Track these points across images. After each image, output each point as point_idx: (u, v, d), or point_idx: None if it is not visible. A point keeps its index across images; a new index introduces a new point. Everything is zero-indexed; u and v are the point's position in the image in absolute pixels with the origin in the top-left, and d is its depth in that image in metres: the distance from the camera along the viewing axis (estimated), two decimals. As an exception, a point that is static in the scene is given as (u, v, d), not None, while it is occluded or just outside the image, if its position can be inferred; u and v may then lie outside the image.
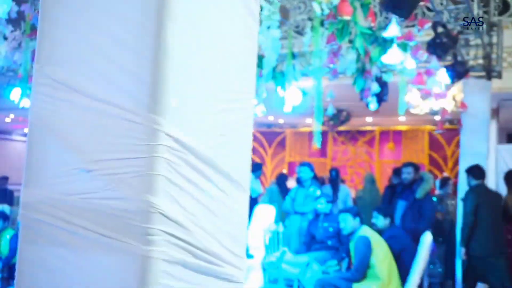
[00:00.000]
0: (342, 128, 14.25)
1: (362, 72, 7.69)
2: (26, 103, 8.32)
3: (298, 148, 16.72)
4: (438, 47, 6.50)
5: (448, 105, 8.44)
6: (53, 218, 1.65)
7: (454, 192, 8.87)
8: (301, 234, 7.78)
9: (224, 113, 1.78)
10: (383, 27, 6.19)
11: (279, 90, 7.54)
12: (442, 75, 7.27)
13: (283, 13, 6.55)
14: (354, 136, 15.99)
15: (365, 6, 5.73)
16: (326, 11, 5.95)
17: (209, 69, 1.72)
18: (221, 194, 1.75)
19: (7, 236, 7.56)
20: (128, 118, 1.56)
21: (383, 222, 6.28)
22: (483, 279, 6.88)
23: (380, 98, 7.82)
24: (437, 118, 10.68)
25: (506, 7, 9.18)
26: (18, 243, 1.74)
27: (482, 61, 8.71)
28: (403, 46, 6.08)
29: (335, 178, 9.94)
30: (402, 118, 13.94)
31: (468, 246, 6.68)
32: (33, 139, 1.76)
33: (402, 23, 6.26)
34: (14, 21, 7.61)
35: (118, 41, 1.61)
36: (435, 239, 6.83)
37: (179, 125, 1.59)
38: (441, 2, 8.25)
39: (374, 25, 5.78)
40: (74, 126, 1.66)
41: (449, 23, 7.26)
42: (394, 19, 5.77)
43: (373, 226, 6.42)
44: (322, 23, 6.49)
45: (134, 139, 1.56)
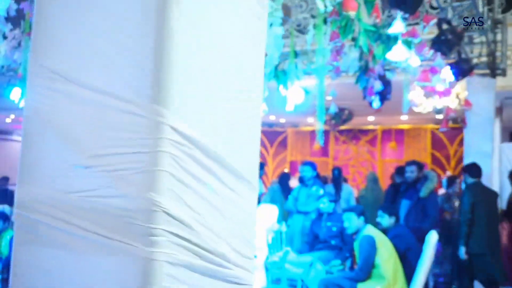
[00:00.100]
0: (344, 127, 14.25)
1: (365, 70, 7.66)
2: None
3: (299, 147, 16.70)
4: (443, 44, 6.43)
5: (452, 103, 8.40)
6: (49, 217, 1.54)
7: (461, 190, 8.81)
8: (303, 233, 7.77)
9: (232, 105, 1.66)
10: (387, 25, 6.15)
11: (281, 89, 7.50)
12: (447, 73, 7.23)
13: (285, 11, 6.48)
14: (356, 135, 15.99)
15: (369, 2, 5.67)
16: (330, 8, 5.89)
17: (216, 58, 1.60)
18: (229, 192, 1.63)
19: (8, 237, 7.50)
20: (129, 110, 1.44)
21: (388, 221, 6.24)
22: (479, 277, 6.89)
23: (383, 96, 7.78)
24: (439, 116, 10.66)
25: (510, 5, 9.12)
26: (12, 244, 1.64)
27: (486, 58, 8.66)
28: (407, 43, 6.04)
29: (338, 177, 9.93)
30: (404, 117, 13.93)
31: (466, 244, 6.67)
32: (28, 134, 1.64)
33: (406, 21, 6.20)
34: (14, 19, 7.53)
35: (118, 28, 1.50)
36: (443, 239, 6.78)
37: (185, 117, 1.47)
38: (445, -1, 8.18)
39: (379, 20, 5.70)
40: (72, 119, 1.54)
41: (453, 20, 7.17)
42: (399, 15, 5.72)
43: (377, 225, 6.37)
44: (325, 21, 6.46)
45: (136, 133, 1.44)
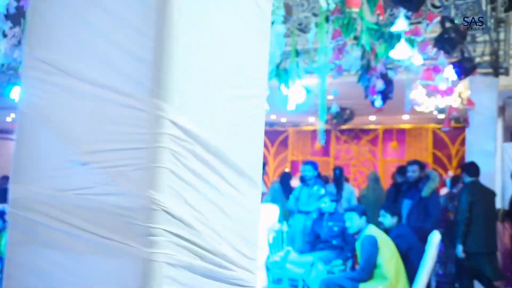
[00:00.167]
0: (345, 126, 14.22)
1: (367, 69, 7.62)
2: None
3: (300, 147, 16.66)
4: (446, 43, 6.37)
5: (454, 102, 8.35)
6: (44, 216, 1.47)
7: (464, 190, 8.75)
8: (305, 233, 7.71)
9: (235, 100, 1.59)
10: (389, 24, 6.10)
11: (283, 88, 7.46)
12: (449, 72, 7.18)
13: (286, 9, 6.44)
14: (357, 134, 15.94)
15: (372, 0, 5.62)
16: (332, 6, 5.85)
17: (219, 51, 1.54)
18: (231, 190, 1.56)
19: (8, 236, 7.44)
20: (128, 104, 1.38)
21: (391, 220, 6.17)
22: (477, 276, 6.85)
23: (385, 95, 7.74)
24: (441, 116, 10.61)
25: (512, 4, 9.06)
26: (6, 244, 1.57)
27: (489, 57, 8.60)
28: (410, 41, 5.99)
29: (339, 177, 9.87)
30: (406, 117, 13.88)
31: (464, 243, 6.63)
32: (23, 130, 1.58)
33: (408, 19, 6.15)
34: (13, 17, 7.47)
35: (116, 18, 1.43)
36: (446, 239, 6.72)
37: (186, 112, 1.41)
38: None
39: (382, 18, 5.64)
40: (68, 114, 1.48)
41: (456, 19, 7.11)
42: (402, 13, 5.66)
43: (379, 225, 6.31)
44: (327, 19, 6.42)
45: (135, 128, 1.38)
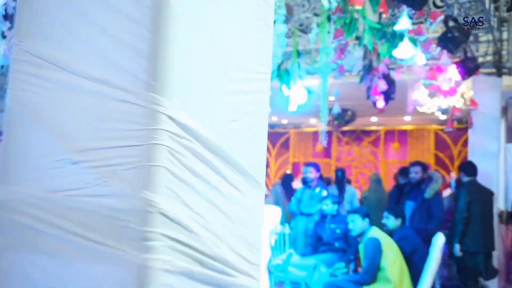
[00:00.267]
0: (346, 128, 14.16)
1: (369, 69, 7.56)
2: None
3: (302, 148, 16.60)
4: (449, 42, 6.30)
5: (457, 103, 8.29)
6: (33, 219, 1.38)
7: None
8: (307, 235, 7.63)
9: (237, 95, 1.50)
10: (391, 24, 6.04)
11: (284, 88, 7.40)
12: (452, 72, 7.11)
13: (287, 10, 6.38)
14: (358, 136, 15.88)
15: (375, -1, 5.57)
16: (334, 4, 5.78)
17: (220, 42, 1.45)
18: (233, 191, 1.47)
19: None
20: (122, 98, 1.29)
21: (394, 222, 6.10)
22: (468, 274, 6.83)
23: (387, 96, 7.69)
24: (443, 117, 10.53)
25: (515, 3, 8.98)
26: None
27: (492, 57, 8.52)
28: (413, 41, 5.93)
29: (341, 179, 9.79)
30: (408, 118, 13.82)
31: (461, 242, 6.62)
32: (11, 127, 1.48)
33: (411, 18, 6.08)
34: (12, 17, 7.40)
35: (109, 7, 1.34)
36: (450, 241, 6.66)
37: (184, 107, 1.32)
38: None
39: (386, 16, 5.57)
40: (58, 109, 1.39)
41: (459, 18, 7.03)
42: (405, 12, 5.60)
43: (382, 227, 6.23)
44: (329, 18, 6.37)
45: (130, 124, 1.29)
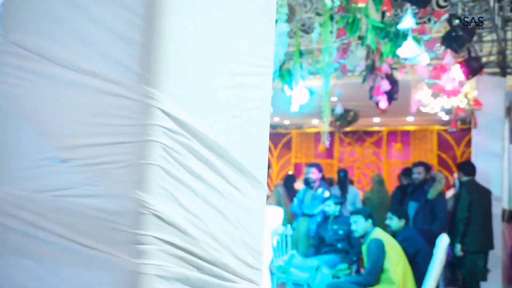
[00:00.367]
0: (348, 128, 14.10)
1: (371, 69, 7.50)
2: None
3: (304, 149, 16.55)
4: (454, 41, 6.22)
5: (461, 103, 8.21)
6: (18, 221, 1.30)
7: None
8: (309, 236, 7.58)
9: (237, 89, 1.41)
10: (394, 24, 5.97)
11: (286, 89, 7.34)
12: (456, 71, 7.04)
13: (290, 10, 6.33)
14: (361, 136, 15.82)
15: (378, -3, 5.51)
16: (337, 3, 5.72)
17: (218, 33, 1.36)
18: (232, 191, 1.38)
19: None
20: (113, 92, 1.20)
21: (398, 223, 6.04)
22: (464, 272, 6.83)
23: (390, 96, 7.62)
24: (446, 118, 10.46)
25: (519, 3, 8.90)
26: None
27: (496, 57, 8.44)
28: (416, 40, 5.86)
29: (344, 179, 9.71)
30: (410, 118, 13.77)
31: (462, 242, 6.59)
32: (-4, 123, 1.41)
33: (415, 16, 6.02)
34: None
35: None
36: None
37: (180, 100, 1.23)
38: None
39: (390, 14, 5.50)
40: (45, 104, 1.31)
41: (464, 16, 6.96)
42: (409, 10, 5.53)
43: (385, 228, 6.17)
44: (332, 18, 6.32)
45: (121, 119, 1.20)
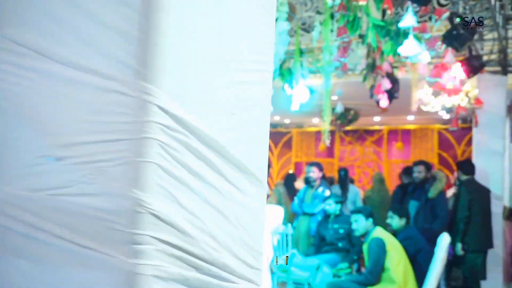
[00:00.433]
0: (349, 127, 14.09)
1: (372, 68, 7.47)
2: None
3: (304, 148, 16.54)
4: (455, 39, 6.19)
5: (461, 101, 8.19)
6: (14, 221, 1.27)
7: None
8: (309, 235, 7.56)
9: (236, 86, 1.38)
10: (395, 22, 5.95)
11: (286, 87, 7.32)
12: (457, 70, 7.01)
13: (290, 8, 6.30)
14: (361, 135, 15.81)
15: (379, -5, 5.48)
16: (338, 1, 5.70)
17: (217, 28, 1.33)
18: (232, 189, 1.36)
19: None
20: (109, 88, 1.18)
21: (399, 222, 6.02)
22: (465, 272, 6.85)
23: (390, 95, 7.59)
24: (447, 116, 10.43)
25: (521, 1, 8.87)
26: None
27: (497, 55, 8.41)
28: (417, 39, 5.83)
29: (344, 178, 9.69)
30: (411, 117, 13.74)
31: (463, 241, 6.62)
32: (-9, 120, 1.38)
33: (416, 14, 5.99)
34: None
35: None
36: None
37: (178, 97, 1.20)
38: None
39: (391, 12, 5.47)
40: (40, 101, 1.28)
41: (465, 15, 6.92)
42: (410, 8, 5.50)
43: (386, 227, 6.15)
44: (332, 16, 6.30)
45: (117, 115, 1.17)
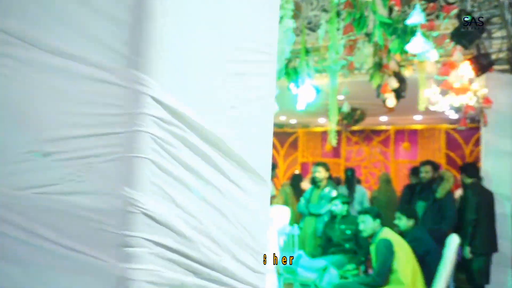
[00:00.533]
0: (356, 127, 14.01)
1: (379, 67, 7.39)
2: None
3: (311, 148, 16.49)
4: (463, 37, 6.10)
5: (470, 100, 8.09)
6: (-2, 221, 1.20)
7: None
8: (316, 236, 7.48)
9: (237, 77, 1.29)
10: (401, 21, 5.86)
11: (292, 87, 7.25)
12: (465, 68, 6.92)
13: (296, 7, 6.24)
14: (368, 135, 15.74)
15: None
16: (344, -2, 5.64)
17: (217, 14, 1.24)
18: (233, 188, 1.26)
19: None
20: (98, 77, 1.09)
21: (407, 223, 5.93)
22: (471, 276, 6.78)
23: (398, 94, 7.51)
24: (454, 116, 10.32)
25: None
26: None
27: (506, 54, 8.30)
28: (425, 36, 5.75)
29: (351, 178, 9.62)
30: (418, 117, 13.65)
31: (470, 244, 6.55)
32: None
33: (424, 12, 5.91)
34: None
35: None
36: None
37: (173, 87, 1.11)
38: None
39: (399, 9, 5.39)
40: (26, 92, 1.20)
41: (473, 12, 6.83)
42: (418, 5, 5.42)
43: (393, 228, 6.06)
44: (338, 14, 6.24)
45: (108, 107, 1.09)
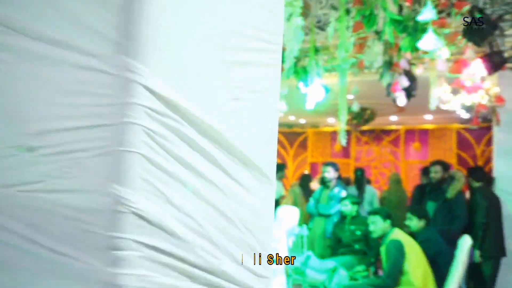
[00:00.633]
0: (366, 127, 13.93)
1: (389, 65, 7.31)
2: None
3: (320, 148, 16.43)
4: (475, 34, 6.00)
5: (482, 99, 7.99)
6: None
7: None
8: (325, 237, 7.41)
9: (240, 67, 1.19)
10: (412, 18, 5.78)
11: (301, 86, 7.18)
12: (478, 66, 6.82)
13: (305, 6, 6.18)
14: (378, 135, 15.66)
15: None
16: (353, -5, 5.58)
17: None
18: (235, 186, 1.17)
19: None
20: (85, 65, 1.01)
21: (418, 224, 5.86)
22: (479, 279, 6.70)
23: (408, 93, 7.42)
24: (466, 116, 10.22)
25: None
26: None
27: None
28: (436, 34, 5.66)
29: (361, 179, 9.55)
30: (429, 117, 13.56)
31: (480, 247, 6.49)
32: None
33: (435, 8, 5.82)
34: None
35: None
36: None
37: (167, 76, 1.03)
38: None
39: (410, 5, 5.31)
40: (8, 82, 1.12)
41: (485, 8, 6.73)
42: (429, 2, 5.33)
43: (403, 228, 5.98)
44: (348, 12, 6.18)
45: (95, 97, 1.01)
